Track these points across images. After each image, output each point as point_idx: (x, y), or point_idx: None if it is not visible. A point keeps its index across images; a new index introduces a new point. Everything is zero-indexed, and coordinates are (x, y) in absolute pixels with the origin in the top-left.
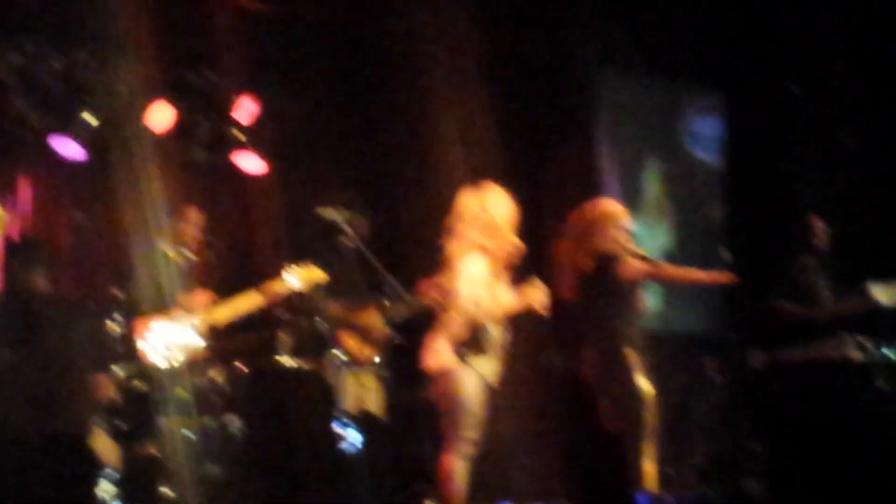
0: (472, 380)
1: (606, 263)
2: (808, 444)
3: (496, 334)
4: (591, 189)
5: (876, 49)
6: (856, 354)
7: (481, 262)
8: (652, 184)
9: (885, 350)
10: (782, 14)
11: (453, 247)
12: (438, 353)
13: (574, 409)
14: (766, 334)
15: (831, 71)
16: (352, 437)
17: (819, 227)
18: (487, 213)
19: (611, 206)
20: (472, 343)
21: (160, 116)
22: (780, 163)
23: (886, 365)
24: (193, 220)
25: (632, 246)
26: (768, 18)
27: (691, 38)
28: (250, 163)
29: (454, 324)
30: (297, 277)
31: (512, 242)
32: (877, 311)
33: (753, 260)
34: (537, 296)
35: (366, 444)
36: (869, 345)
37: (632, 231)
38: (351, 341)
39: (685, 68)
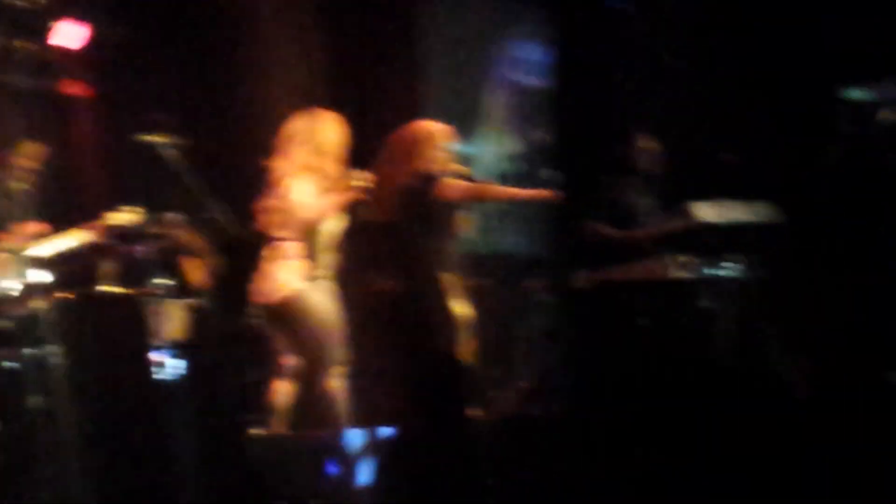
0: (324, 298)
1: (424, 183)
2: (630, 364)
3: (329, 255)
4: (415, 111)
5: None
6: (679, 273)
7: (310, 182)
8: (481, 105)
9: (707, 269)
10: None
11: (282, 167)
12: (281, 280)
13: (392, 332)
14: (591, 255)
15: None
16: (172, 365)
17: (644, 146)
18: (318, 135)
19: (430, 126)
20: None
21: None
22: (607, 82)
23: (709, 284)
24: (27, 152)
25: (452, 165)
26: None
27: None
28: (75, 89)
29: (291, 246)
30: (121, 218)
31: (340, 167)
32: (700, 229)
33: (579, 181)
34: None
35: (188, 371)
36: (692, 263)
37: (454, 150)
38: (192, 267)
39: None
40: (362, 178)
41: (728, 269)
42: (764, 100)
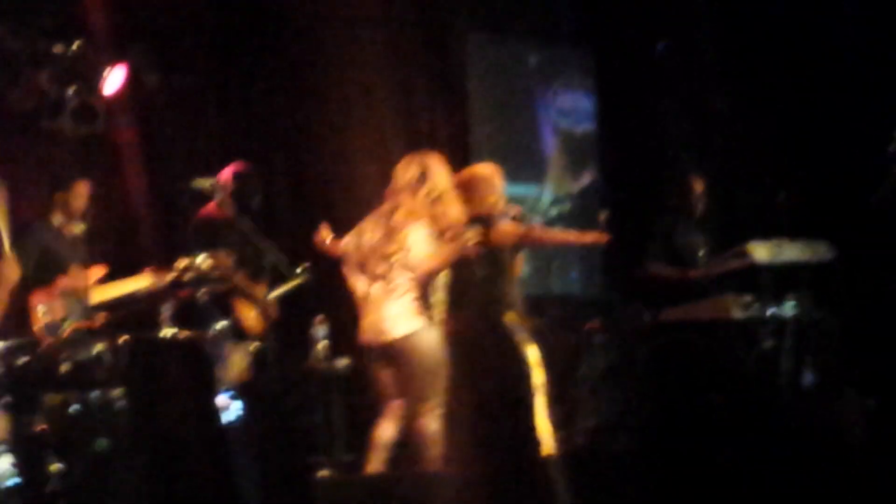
0: (437, 339)
1: (482, 227)
2: (692, 404)
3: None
4: (468, 155)
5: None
6: (738, 313)
7: (425, 228)
8: (535, 150)
9: (767, 308)
10: None
11: (401, 215)
12: (398, 320)
13: (462, 376)
14: (650, 295)
15: (702, 32)
16: (235, 408)
17: (694, 186)
18: (436, 184)
19: (484, 169)
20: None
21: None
22: (654, 125)
23: (768, 324)
24: (82, 193)
25: (506, 208)
26: None
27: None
28: (126, 134)
29: (409, 287)
30: (187, 267)
31: (456, 212)
32: (757, 269)
33: (636, 222)
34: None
35: (251, 415)
36: (751, 303)
37: (506, 194)
38: (247, 311)
39: (556, 32)
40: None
41: (786, 309)
42: (817, 138)
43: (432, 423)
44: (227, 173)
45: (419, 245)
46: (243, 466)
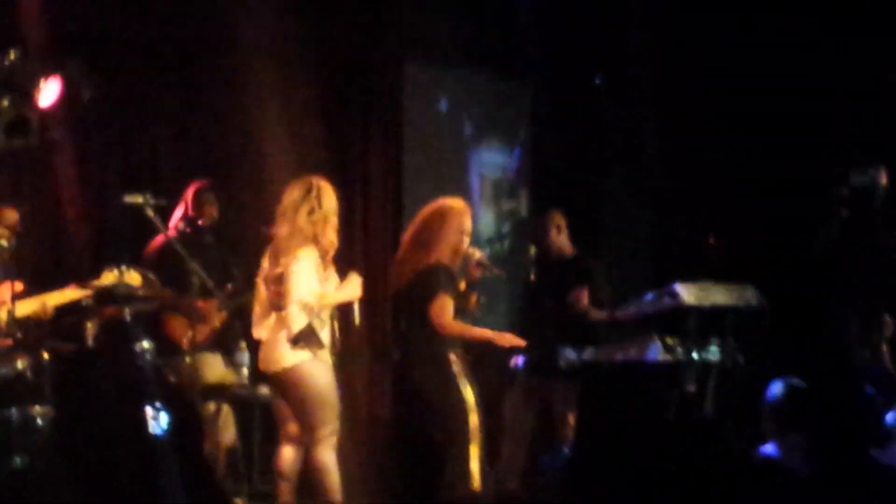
0: (325, 370)
1: (435, 276)
2: (613, 444)
3: (328, 325)
4: (397, 184)
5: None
6: (663, 355)
7: (313, 252)
8: (466, 176)
9: (692, 351)
10: (590, 7)
11: (284, 235)
12: (283, 350)
13: (399, 412)
14: (577, 335)
15: (638, 67)
16: (162, 421)
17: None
18: (319, 204)
19: (456, 203)
20: (311, 336)
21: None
22: (586, 156)
23: (693, 366)
24: (8, 223)
25: (470, 251)
26: (575, 10)
27: (497, 28)
28: (56, 147)
29: (294, 317)
30: (113, 279)
31: (335, 235)
32: (683, 311)
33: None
34: (356, 286)
35: (178, 429)
36: (676, 346)
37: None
38: (177, 326)
39: (491, 60)
40: (356, 281)
41: (711, 353)
42: (751, 181)
43: (325, 452)
44: (188, 191)
45: (302, 269)
46: (169, 483)
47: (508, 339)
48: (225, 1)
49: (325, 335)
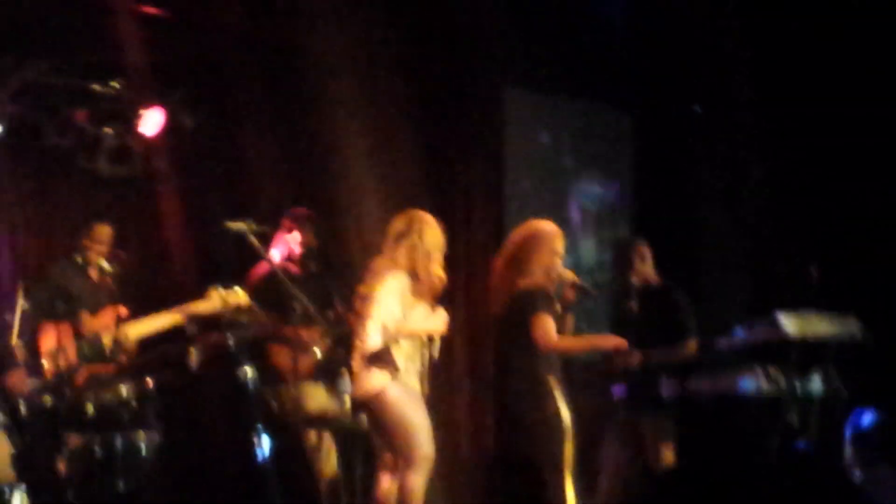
0: (407, 396)
1: (532, 298)
2: (714, 475)
3: (412, 353)
4: (499, 212)
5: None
6: (765, 386)
7: (403, 280)
8: (567, 204)
9: (794, 382)
10: (689, 36)
11: (381, 263)
12: (368, 377)
13: (498, 436)
14: (679, 364)
15: (740, 96)
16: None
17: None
18: (422, 240)
19: (547, 226)
20: (386, 358)
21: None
22: (686, 185)
23: (795, 398)
24: (101, 237)
25: (563, 274)
26: (675, 39)
27: (598, 56)
28: (160, 175)
29: (369, 333)
30: (219, 300)
31: (438, 272)
32: (785, 342)
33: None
34: (439, 321)
35: (280, 456)
36: (779, 376)
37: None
38: (281, 354)
39: (592, 88)
40: (441, 316)
41: (813, 384)
42: (853, 211)
43: (411, 478)
44: (289, 219)
45: (389, 293)
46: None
47: (612, 342)
48: (326, 32)
49: (402, 362)
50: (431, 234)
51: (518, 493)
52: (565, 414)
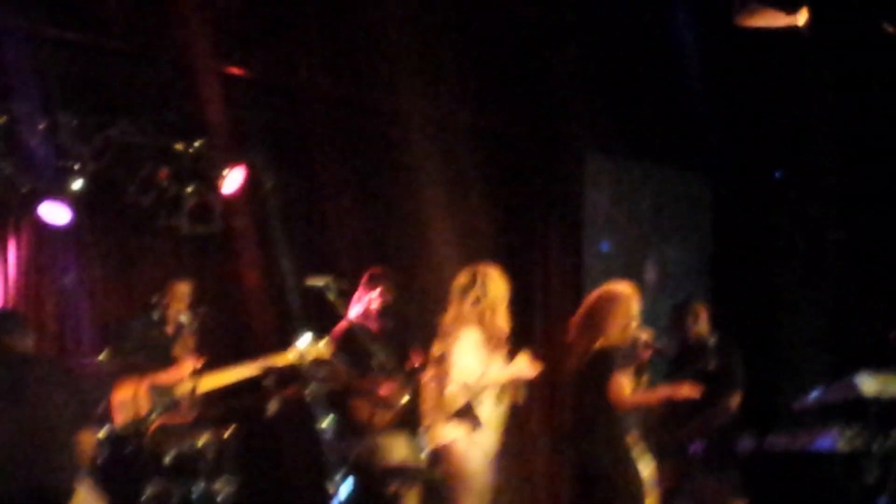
0: (476, 452)
1: (606, 359)
2: None
3: (492, 406)
4: (578, 273)
5: (862, 139)
6: (844, 445)
7: (475, 334)
8: (646, 268)
9: (872, 442)
10: (769, 102)
11: (449, 320)
12: (444, 428)
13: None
14: (755, 419)
15: (817, 160)
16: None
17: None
18: (485, 291)
19: (624, 288)
20: (468, 414)
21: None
22: (765, 251)
23: (874, 457)
24: (179, 295)
25: (637, 332)
26: (756, 106)
27: (679, 122)
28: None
29: (452, 395)
30: (300, 352)
31: (504, 321)
32: (864, 401)
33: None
34: (524, 365)
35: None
36: (857, 436)
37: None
38: (362, 407)
39: (672, 153)
40: (526, 358)
41: (892, 443)
42: None
43: None
44: (367, 276)
45: (464, 350)
46: None
47: (685, 391)
48: (410, 94)
49: (486, 414)
50: (494, 285)
51: None
52: (643, 472)
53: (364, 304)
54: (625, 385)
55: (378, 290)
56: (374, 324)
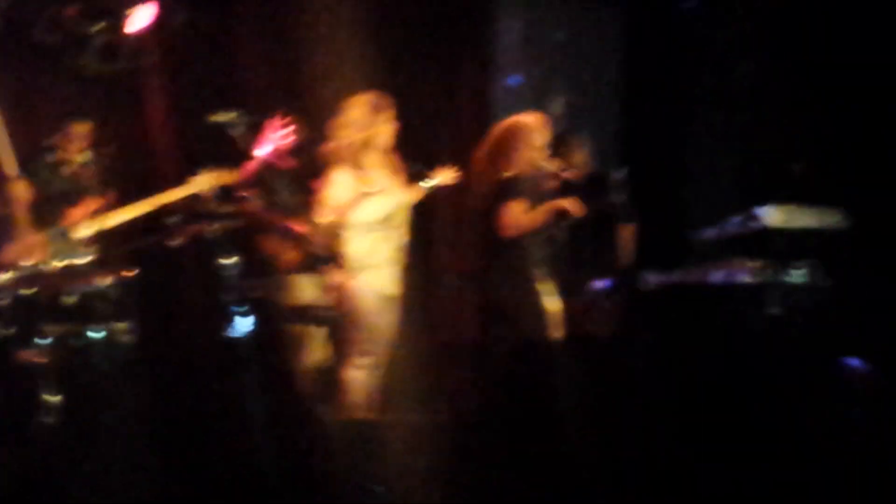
0: (367, 291)
1: (513, 187)
2: (696, 367)
3: (378, 244)
4: (486, 108)
5: None
6: (749, 278)
7: (349, 175)
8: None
9: (777, 274)
10: None
11: (329, 155)
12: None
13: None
14: (660, 257)
15: None
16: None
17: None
18: (369, 125)
19: (529, 119)
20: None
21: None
22: (674, 84)
23: (777, 288)
24: (78, 135)
25: (546, 164)
26: None
27: None
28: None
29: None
30: (200, 181)
31: (387, 158)
32: (769, 234)
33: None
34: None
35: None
36: (761, 268)
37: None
38: (269, 245)
39: None
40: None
41: (797, 276)
42: (835, 105)
43: (350, 370)
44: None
45: (338, 189)
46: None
47: (565, 204)
48: None
49: (368, 252)
50: (380, 121)
51: (504, 379)
52: (551, 304)
53: (273, 141)
54: (516, 210)
55: (287, 127)
56: (283, 162)
